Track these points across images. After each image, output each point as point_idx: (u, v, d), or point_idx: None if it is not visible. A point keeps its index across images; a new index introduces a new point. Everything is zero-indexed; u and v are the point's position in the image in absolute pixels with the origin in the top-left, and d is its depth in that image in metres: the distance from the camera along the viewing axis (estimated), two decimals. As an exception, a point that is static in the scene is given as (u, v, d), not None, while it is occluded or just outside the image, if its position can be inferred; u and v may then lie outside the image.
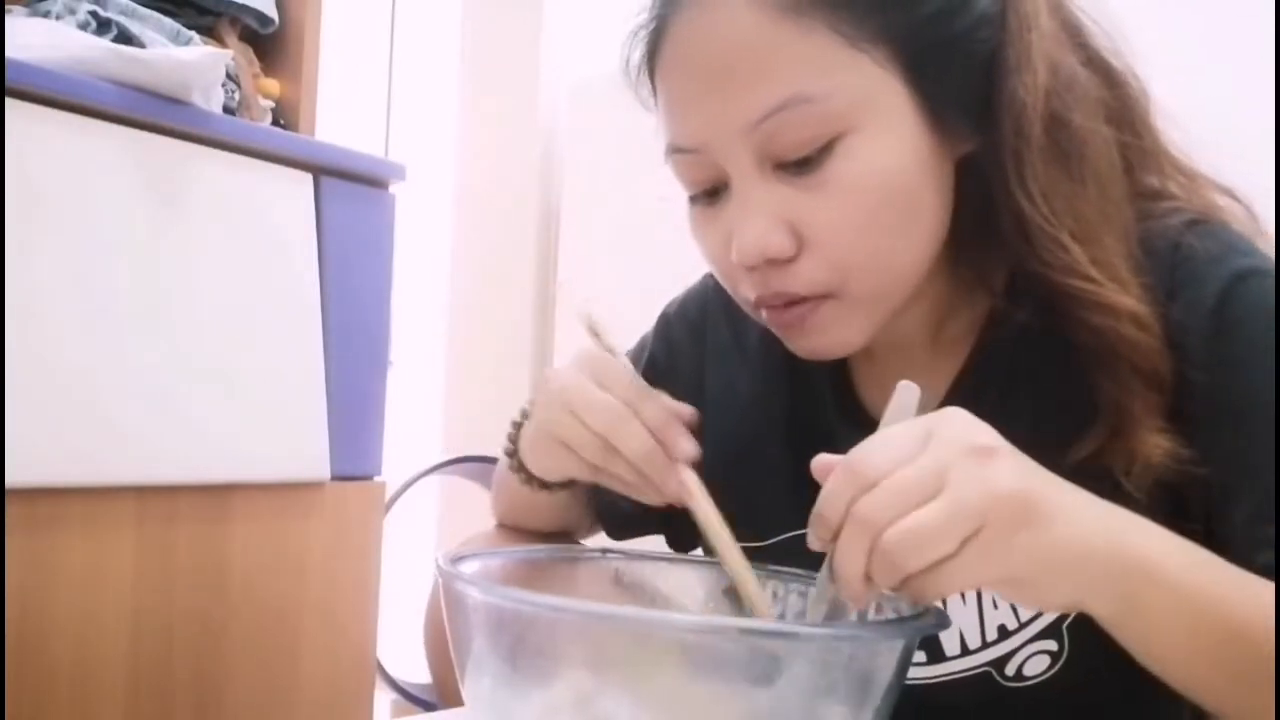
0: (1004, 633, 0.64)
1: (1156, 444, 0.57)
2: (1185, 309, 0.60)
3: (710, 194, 0.63)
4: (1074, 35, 0.65)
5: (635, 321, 0.91)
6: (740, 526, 0.59)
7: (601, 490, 0.83)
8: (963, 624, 0.65)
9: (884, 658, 0.47)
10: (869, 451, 0.48)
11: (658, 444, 0.61)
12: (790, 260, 0.60)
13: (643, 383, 0.63)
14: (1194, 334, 0.59)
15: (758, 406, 0.75)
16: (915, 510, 0.45)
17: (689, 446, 0.61)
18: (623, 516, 0.82)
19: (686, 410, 0.63)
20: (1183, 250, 0.61)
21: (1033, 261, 0.60)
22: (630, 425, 0.61)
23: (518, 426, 0.76)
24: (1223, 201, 0.66)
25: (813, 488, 0.66)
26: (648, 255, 2.25)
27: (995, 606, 0.64)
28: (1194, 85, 0.67)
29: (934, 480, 0.46)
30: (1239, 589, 0.50)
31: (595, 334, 0.63)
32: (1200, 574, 0.50)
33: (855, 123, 0.58)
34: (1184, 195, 0.65)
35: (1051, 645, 0.63)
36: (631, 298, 0.81)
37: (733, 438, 0.75)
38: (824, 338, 0.63)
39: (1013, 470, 0.47)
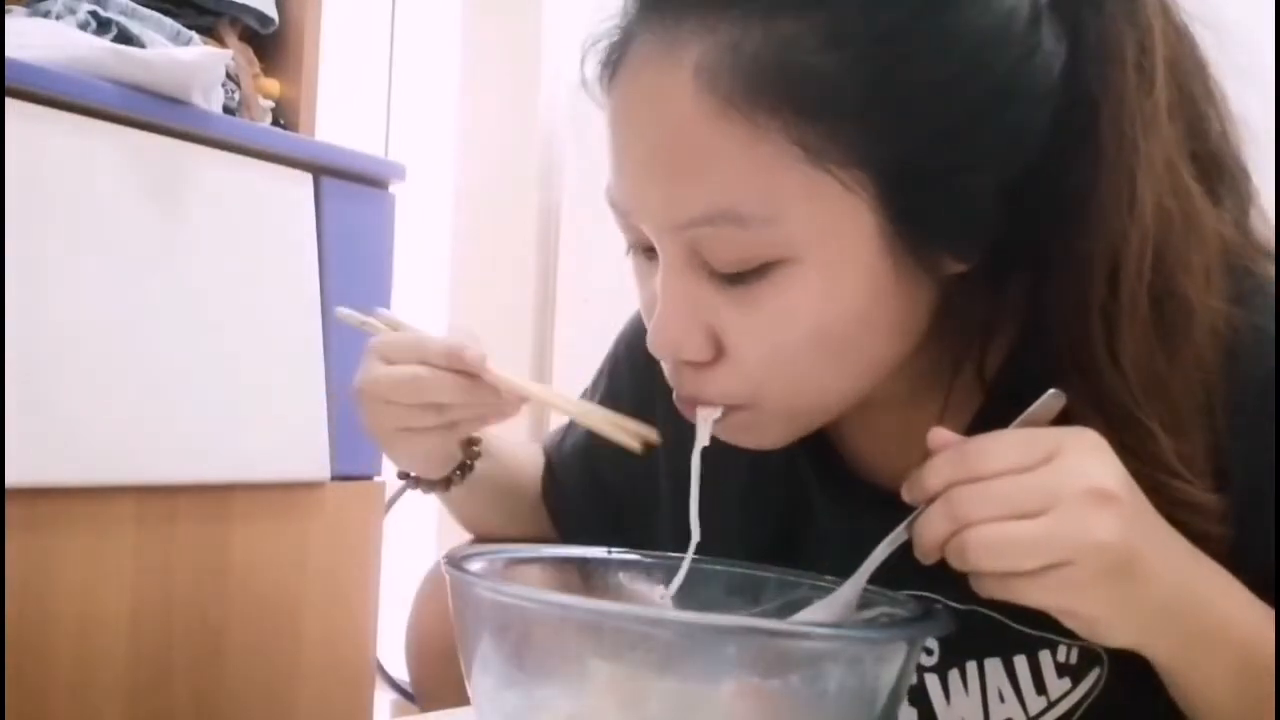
0: None
1: None
2: (1236, 386, 0.54)
3: (649, 251, 0.56)
4: (1195, 130, 0.54)
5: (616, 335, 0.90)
6: None
7: (556, 493, 0.82)
8: (966, 717, 0.62)
9: (889, 660, 0.47)
10: (987, 444, 0.47)
11: (460, 376, 0.60)
12: (707, 364, 0.54)
13: (420, 334, 0.63)
14: (1240, 412, 0.54)
15: (714, 469, 0.65)
16: (1010, 521, 0.45)
17: (477, 350, 0.60)
18: (575, 517, 0.82)
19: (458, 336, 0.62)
20: (1237, 328, 0.54)
21: (1105, 438, 0.50)
22: (425, 375, 0.60)
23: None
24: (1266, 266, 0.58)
25: (779, 560, 0.62)
26: (647, 255, 2.25)
27: (1002, 700, 0.61)
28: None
29: (1040, 500, 0.45)
30: None
31: (380, 325, 0.64)
32: (1267, 633, 0.49)
33: (798, 254, 0.49)
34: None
35: None
36: (631, 298, 0.80)
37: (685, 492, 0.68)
38: (737, 438, 0.58)
39: (1120, 522, 0.46)
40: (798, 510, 0.67)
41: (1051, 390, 0.49)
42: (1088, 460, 0.46)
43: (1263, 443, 0.53)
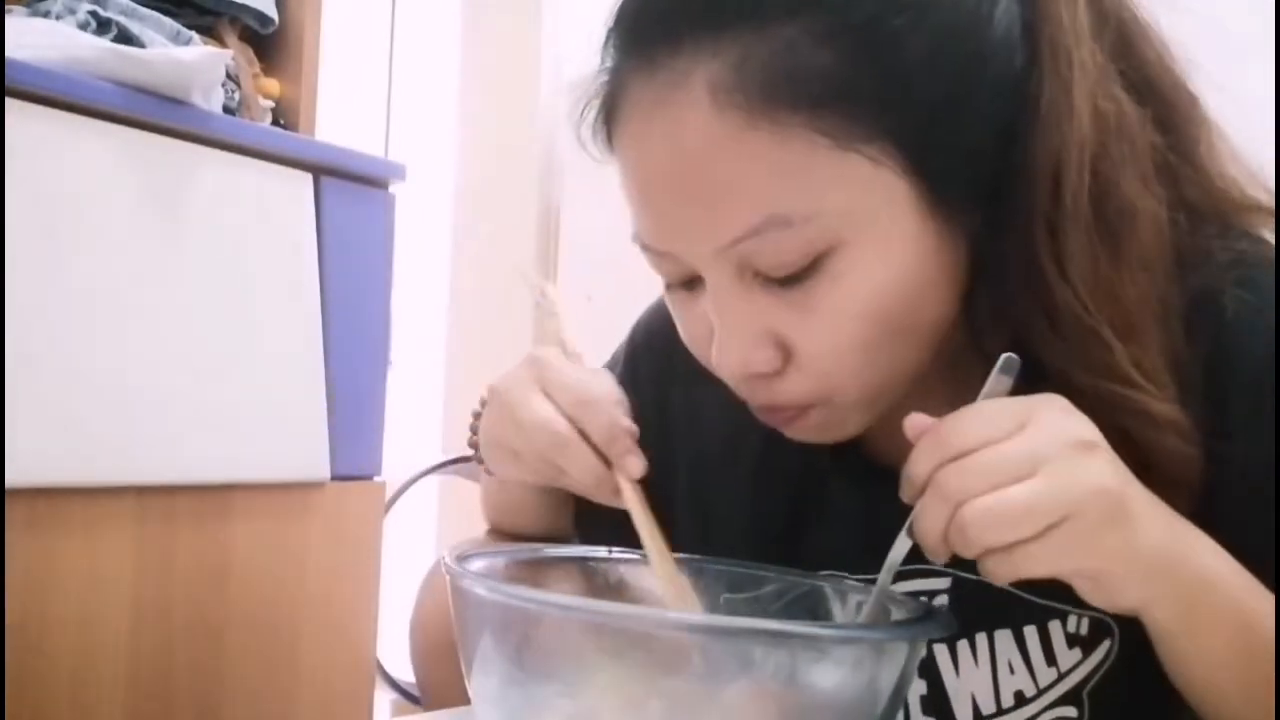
0: (1021, 699, 0.60)
1: None
2: (1226, 380, 0.54)
3: (688, 284, 0.56)
4: (1122, 51, 0.56)
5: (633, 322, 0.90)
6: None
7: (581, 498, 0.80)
8: (976, 689, 0.61)
9: (890, 660, 0.47)
10: (962, 421, 0.47)
11: (602, 461, 0.58)
12: (776, 373, 0.54)
13: (590, 380, 0.60)
14: (1234, 406, 0.54)
15: (727, 447, 0.68)
16: (1002, 489, 0.45)
17: (636, 464, 0.58)
18: (600, 521, 0.81)
19: (627, 410, 0.61)
20: (1226, 311, 0.55)
21: (1061, 358, 0.53)
22: (573, 449, 0.58)
23: (477, 417, 0.70)
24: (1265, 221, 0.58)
25: (790, 538, 0.62)
26: (647, 255, 2.25)
27: (1011, 671, 0.61)
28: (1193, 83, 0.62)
29: (1027, 463, 0.45)
30: None
31: (542, 292, 0.62)
32: (1258, 602, 0.50)
33: (845, 236, 0.51)
34: (1239, 242, 0.57)
35: (1071, 712, 0.60)
36: (632, 298, 0.80)
37: (700, 471, 0.69)
38: (818, 435, 0.58)
39: (1109, 467, 0.47)
40: (810, 489, 0.66)
41: (1001, 360, 0.49)
42: (1062, 418, 0.48)
43: (1264, 419, 0.53)
